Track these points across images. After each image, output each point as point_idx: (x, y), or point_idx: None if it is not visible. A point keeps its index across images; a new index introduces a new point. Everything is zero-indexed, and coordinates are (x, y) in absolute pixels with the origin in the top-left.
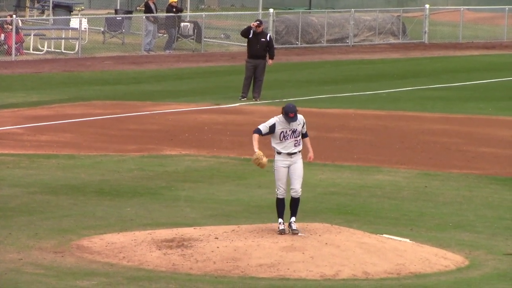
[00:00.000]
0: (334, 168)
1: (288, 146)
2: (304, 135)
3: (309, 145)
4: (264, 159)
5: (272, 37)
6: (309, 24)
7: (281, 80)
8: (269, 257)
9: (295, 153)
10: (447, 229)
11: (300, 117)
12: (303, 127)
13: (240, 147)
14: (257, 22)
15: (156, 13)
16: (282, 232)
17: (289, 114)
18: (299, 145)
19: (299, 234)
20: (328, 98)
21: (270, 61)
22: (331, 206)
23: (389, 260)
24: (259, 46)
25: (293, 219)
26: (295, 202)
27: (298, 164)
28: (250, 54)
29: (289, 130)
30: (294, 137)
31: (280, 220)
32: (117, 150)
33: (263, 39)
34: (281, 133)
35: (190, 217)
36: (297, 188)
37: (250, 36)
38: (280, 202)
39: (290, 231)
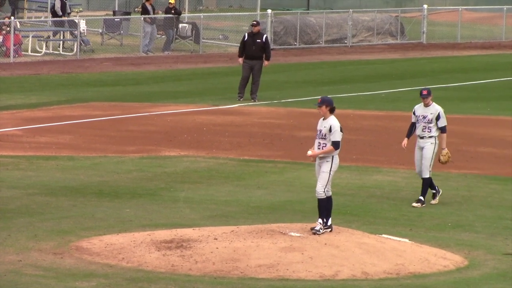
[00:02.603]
0: None
1: (316, 146)
2: (332, 144)
3: (324, 149)
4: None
5: (268, 38)
6: (307, 24)
7: (280, 81)
8: (268, 257)
9: (319, 156)
10: (446, 229)
11: (330, 121)
12: (330, 131)
13: (239, 147)
14: (254, 22)
15: (154, 14)
16: (314, 232)
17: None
18: (322, 149)
19: (317, 232)
20: None
21: (266, 63)
22: None
23: (389, 260)
24: (255, 47)
25: (319, 220)
26: (318, 203)
27: (322, 166)
28: (246, 55)
29: (318, 130)
30: (319, 138)
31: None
32: (116, 151)
33: (259, 40)
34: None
35: (189, 218)
36: (316, 189)
37: (246, 38)
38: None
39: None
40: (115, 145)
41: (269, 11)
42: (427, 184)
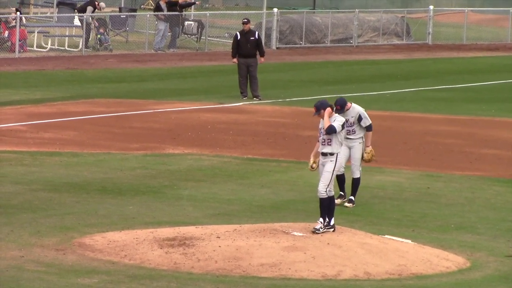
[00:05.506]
0: None
1: (320, 143)
2: (329, 127)
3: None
4: (311, 165)
5: (260, 34)
6: (313, 24)
7: (285, 80)
8: (271, 256)
9: (323, 153)
10: (449, 230)
11: (335, 117)
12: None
13: (243, 146)
14: (245, 20)
15: (167, 12)
16: (314, 231)
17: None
18: (327, 145)
19: (316, 231)
20: (331, 98)
21: (262, 59)
22: None
23: (391, 261)
24: (249, 45)
25: (319, 219)
26: (320, 202)
27: (326, 165)
28: (241, 54)
29: (321, 128)
30: (323, 135)
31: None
32: (120, 148)
33: (252, 38)
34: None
35: (192, 216)
36: (318, 188)
37: (239, 37)
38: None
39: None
40: (119, 142)
41: (275, 10)
42: (358, 183)
